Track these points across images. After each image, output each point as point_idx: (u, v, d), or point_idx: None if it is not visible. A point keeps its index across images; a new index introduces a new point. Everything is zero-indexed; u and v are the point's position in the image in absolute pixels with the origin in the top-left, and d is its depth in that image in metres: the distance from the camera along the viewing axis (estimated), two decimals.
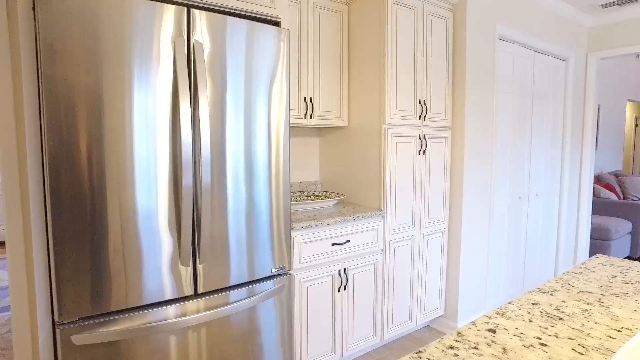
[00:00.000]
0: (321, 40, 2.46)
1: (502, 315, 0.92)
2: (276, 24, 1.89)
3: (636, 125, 8.30)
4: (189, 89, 1.50)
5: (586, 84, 3.97)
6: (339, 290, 2.24)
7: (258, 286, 1.78)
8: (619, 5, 3.57)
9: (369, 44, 2.44)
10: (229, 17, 1.62)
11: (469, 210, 2.79)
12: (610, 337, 0.83)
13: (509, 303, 0.99)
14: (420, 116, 2.54)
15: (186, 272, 1.57)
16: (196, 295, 1.62)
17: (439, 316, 2.88)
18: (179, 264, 1.54)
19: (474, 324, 0.87)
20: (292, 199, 2.58)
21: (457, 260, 2.78)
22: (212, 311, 1.62)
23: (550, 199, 3.72)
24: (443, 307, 2.86)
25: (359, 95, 2.53)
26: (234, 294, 1.71)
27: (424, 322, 2.77)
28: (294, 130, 2.78)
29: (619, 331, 0.85)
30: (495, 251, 3.10)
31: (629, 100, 7.23)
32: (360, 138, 2.54)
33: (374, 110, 2.44)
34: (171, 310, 1.54)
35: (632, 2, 3.49)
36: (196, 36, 1.53)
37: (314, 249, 2.10)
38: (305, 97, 2.39)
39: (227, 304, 1.69)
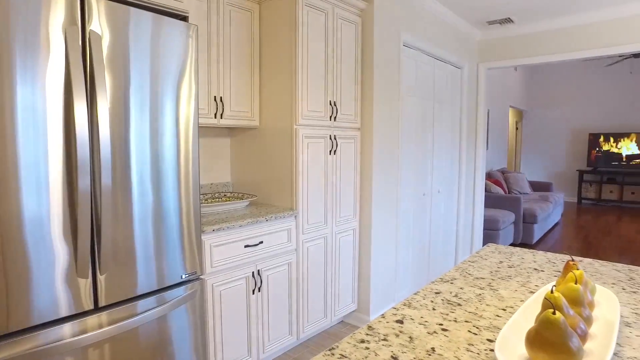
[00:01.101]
0: (232, 39, 2.40)
1: (409, 306, 0.98)
2: (184, 18, 1.81)
3: (516, 128, 9.44)
4: (84, 84, 1.37)
5: (478, 91, 4.41)
6: (253, 293, 2.21)
7: (168, 294, 1.69)
8: (500, 24, 4.03)
9: (280, 44, 2.45)
10: (132, 9, 1.51)
11: (378, 208, 2.94)
12: (497, 316, 0.93)
13: (415, 294, 1.07)
14: (330, 117, 2.61)
15: (85, 284, 1.43)
16: (97, 309, 1.48)
17: (353, 311, 2.99)
18: (76, 276, 1.40)
19: (384, 317, 0.92)
20: (203, 201, 2.49)
21: (367, 255, 2.92)
22: (116, 325, 1.50)
23: (450, 195, 4.07)
24: (356, 301, 2.98)
25: (271, 95, 2.53)
26: (141, 305, 1.60)
27: (338, 317, 2.86)
28: (203, 130, 2.68)
29: (504, 310, 0.96)
30: (403, 245, 3.31)
31: (511, 106, 8.20)
32: (272, 138, 2.54)
33: (285, 110, 2.45)
34: (67, 328, 1.39)
35: (510, 22, 3.96)
36: (93, 26, 1.40)
37: (226, 251, 2.05)
38: (215, 97, 2.32)
39: (134, 315, 1.57)
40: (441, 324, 0.88)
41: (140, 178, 1.57)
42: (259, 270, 2.23)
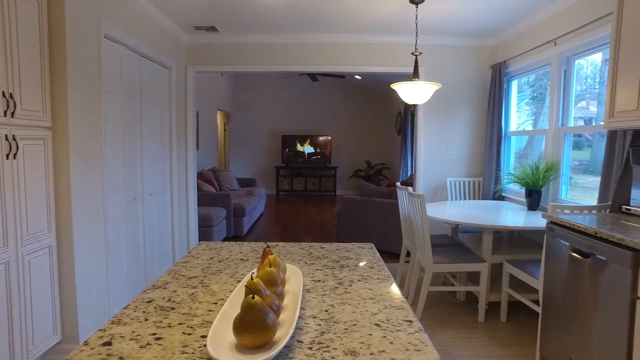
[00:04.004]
0: None
1: (118, 323, 0.91)
2: None
3: (225, 129, 10.22)
4: None
5: (187, 93, 4.50)
6: None
7: None
8: (207, 31, 4.26)
9: None
10: None
11: (81, 218, 2.57)
12: (210, 310, 0.99)
13: (125, 308, 1.00)
14: (5, 112, 2.09)
15: None
16: None
17: (57, 343, 2.51)
18: None
19: (87, 344, 0.82)
20: None
21: (71, 275, 2.51)
22: None
23: (163, 197, 3.99)
24: (60, 332, 2.52)
25: None
26: None
27: (35, 357, 2.34)
28: None
29: (216, 303, 1.03)
30: (115, 255, 3.03)
31: (219, 109, 8.78)
32: None
33: None
34: None
35: (215, 31, 4.25)
36: None
37: None
38: None
39: None
40: (154, 334, 0.86)
41: None
42: None
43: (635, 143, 2.41)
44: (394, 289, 1.16)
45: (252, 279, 0.87)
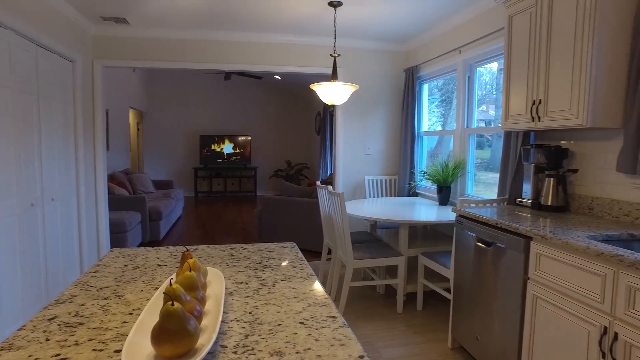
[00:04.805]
0: None
1: (10, 348, 0.81)
2: None
3: (138, 129, 9.59)
4: None
5: (94, 88, 4.14)
6: None
7: None
8: (116, 22, 3.96)
9: None
10: None
11: None
12: (125, 322, 0.92)
13: (20, 329, 0.89)
14: None
15: None
16: None
17: None
18: None
19: None
20: None
21: None
22: None
23: (68, 201, 3.63)
24: None
25: None
26: None
27: None
28: None
29: (132, 314, 0.96)
30: (8, 274, 2.69)
31: (131, 107, 8.22)
32: None
33: None
34: None
35: (126, 23, 3.96)
36: None
37: None
38: None
39: None
40: (58, 355, 0.78)
41: None
42: None
43: (525, 143, 2.72)
44: (317, 286, 1.17)
45: (170, 284, 0.83)
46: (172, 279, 0.92)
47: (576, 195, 2.45)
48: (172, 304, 0.75)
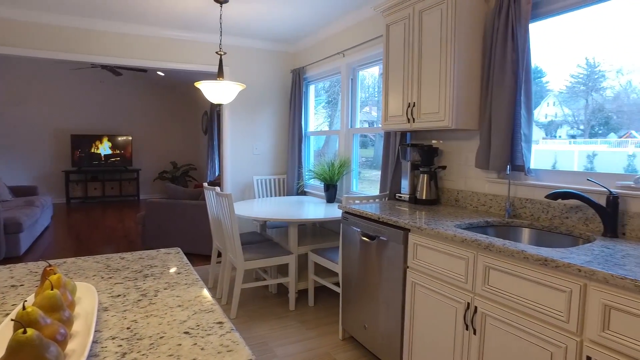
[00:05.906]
0: None
1: None
2: None
3: None
4: None
5: None
6: None
7: None
8: None
9: None
10: None
11: None
12: None
13: None
14: None
15: None
16: None
17: None
18: None
19: None
20: None
21: None
22: None
23: None
24: None
25: None
26: None
27: None
28: None
29: None
30: None
31: None
32: None
33: None
34: None
35: None
36: None
37: None
38: None
39: None
40: None
41: None
42: None
43: (402, 142, 2.97)
44: (204, 292, 1.12)
45: (24, 308, 0.71)
46: (26, 301, 0.79)
47: (445, 189, 2.75)
48: (24, 332, 0.64)
